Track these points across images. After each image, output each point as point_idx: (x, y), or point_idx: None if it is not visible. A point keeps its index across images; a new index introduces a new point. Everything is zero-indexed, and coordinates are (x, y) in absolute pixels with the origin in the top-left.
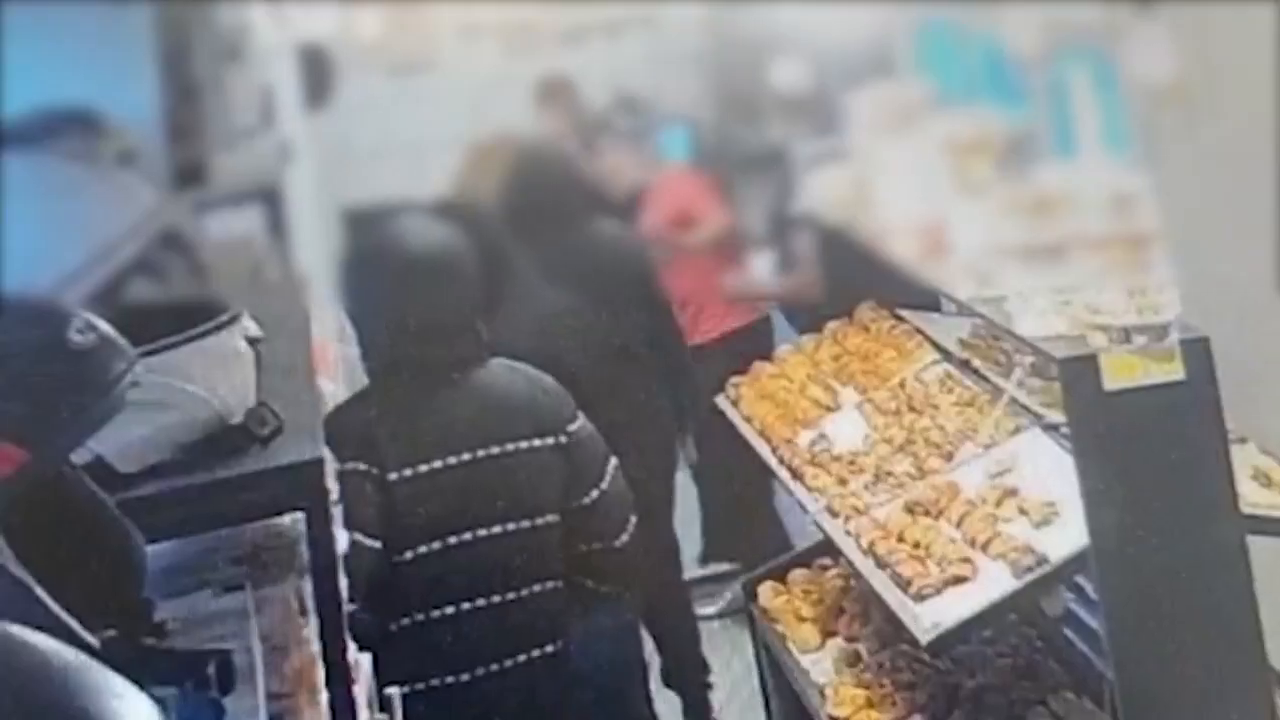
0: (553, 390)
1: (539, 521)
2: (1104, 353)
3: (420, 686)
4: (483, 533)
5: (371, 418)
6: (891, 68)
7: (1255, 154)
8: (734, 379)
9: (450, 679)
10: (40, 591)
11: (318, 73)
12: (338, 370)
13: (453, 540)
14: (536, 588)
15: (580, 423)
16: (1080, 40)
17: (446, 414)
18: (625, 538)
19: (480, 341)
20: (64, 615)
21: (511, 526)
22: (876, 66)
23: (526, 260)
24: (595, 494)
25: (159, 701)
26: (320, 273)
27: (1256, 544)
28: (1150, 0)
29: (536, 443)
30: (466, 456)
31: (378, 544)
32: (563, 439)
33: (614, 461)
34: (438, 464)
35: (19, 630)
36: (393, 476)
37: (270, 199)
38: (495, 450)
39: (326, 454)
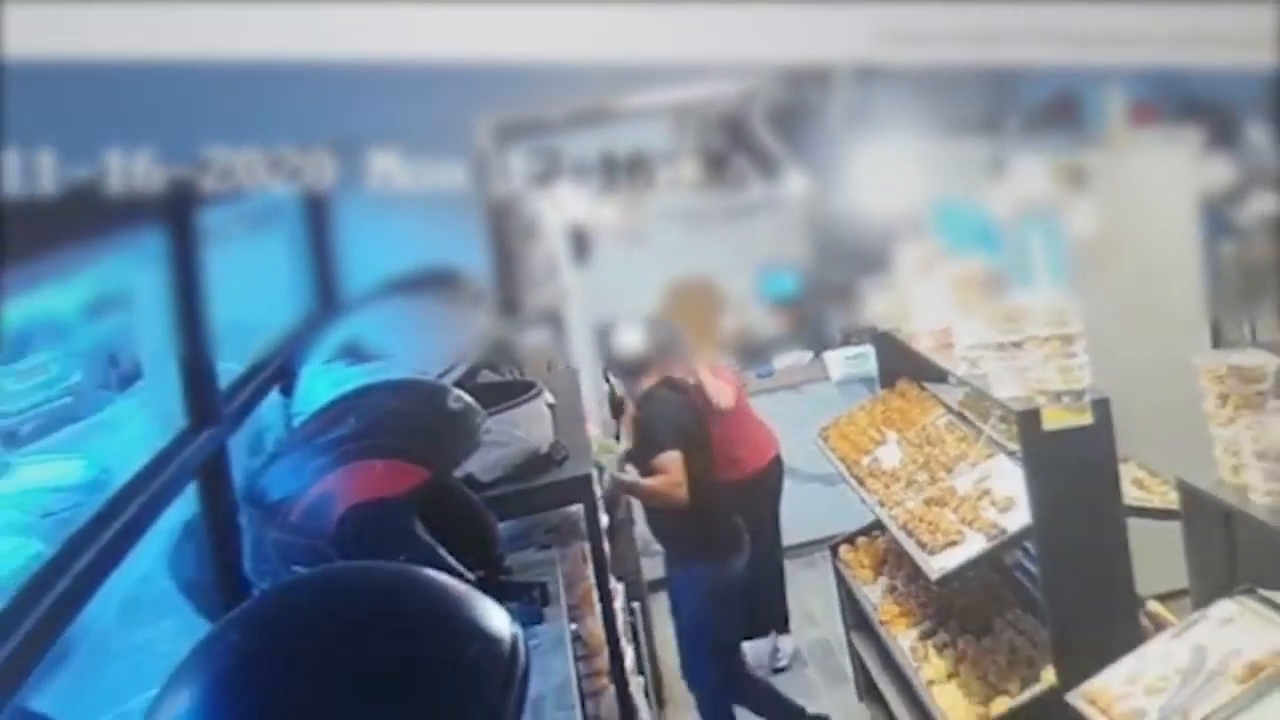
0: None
1: None
2: (1044, 408)
3: None
4: None
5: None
6: (920, 230)
7: (1148, 284)
8: (823, 424)
9: None
10: (441, 550)
11: (580, 242)
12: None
13: None
14: None
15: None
16: (1038, 210)
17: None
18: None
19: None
20: (455, 563)
21: None
22: (910, 229)
23: None
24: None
25: (508, 610)
26: (586, 365)
27: (1132, 523)
28: (1083, 182)
29: None
30: None
31: None
32: None
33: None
34: None
35: (432, 571)
36: None
37: (556, 322)
38: None
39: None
